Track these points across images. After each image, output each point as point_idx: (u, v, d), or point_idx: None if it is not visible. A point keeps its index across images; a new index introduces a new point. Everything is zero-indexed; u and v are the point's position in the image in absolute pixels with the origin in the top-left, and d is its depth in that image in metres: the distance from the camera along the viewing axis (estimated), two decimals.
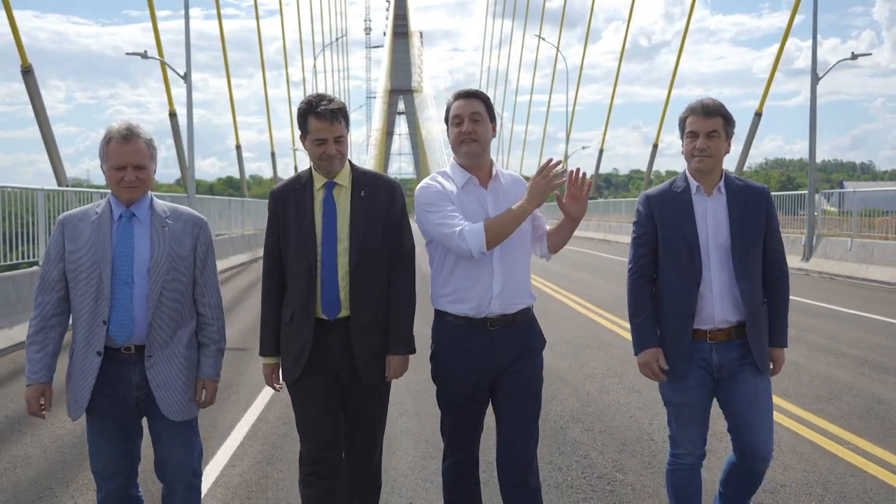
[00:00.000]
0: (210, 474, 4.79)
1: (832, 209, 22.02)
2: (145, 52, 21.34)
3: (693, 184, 3.32)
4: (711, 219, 3.28)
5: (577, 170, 3.23)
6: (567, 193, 3.30)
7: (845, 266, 17.56)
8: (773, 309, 3.35)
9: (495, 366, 3.27)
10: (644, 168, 43.15)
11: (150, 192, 3.14)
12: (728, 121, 3.29)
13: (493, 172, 3.36)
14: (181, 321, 3.12)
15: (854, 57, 20.94)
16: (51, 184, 16.20)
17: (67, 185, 17.24)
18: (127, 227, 3.06)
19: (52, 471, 4.95)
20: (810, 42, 19.64)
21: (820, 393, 6.67)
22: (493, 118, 3.34)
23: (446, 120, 3.38)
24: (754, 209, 3.30)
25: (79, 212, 3.13)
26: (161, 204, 3.16)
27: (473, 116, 3.26)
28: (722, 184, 3.32)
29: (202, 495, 3.36)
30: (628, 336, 9.90)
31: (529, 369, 3.31)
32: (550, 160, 3.14)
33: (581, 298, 13.29)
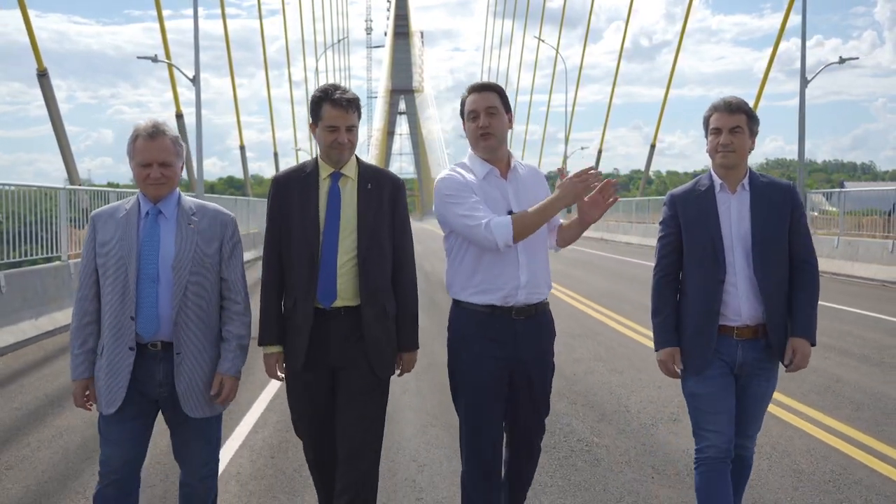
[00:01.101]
0: (237, 438, 5.45)
1: (833, 209, 22.39)
2: (155, 56, 22.06)
3: (717, 182, 3.34)
4: (735, 216, 3.30)
5: (610, 181, 3.22)
6: (590, 197, 3.24)
7: (832, 263, 18.14)
8: (797, 300, 3.35)
9: (516, 356, 3.29)
10: (641, 167, 43.73)
11: (177, 190, 3.18)
12: (752, 118, 3.31)
13: (512, 164, 3.37)
14: (208, 318, 3.15)
15: (842, 61, 21.67)
16: (54, 182, 16.84)
17: (80, 185, 17.88)
18: (153, 224, 3.10)
19: (96, 436, 5.58)
20: (811, 43, 20.46)
21: (783, 374, 7.27)
22: (508, 109, 3.33)
23: (462, 114, 3.36)
24: (778, 205, 3.30)
25: (109, 208, 3.18)
26: (189, 201, 3.20)
27: (489, 110, 3.26)
28: (746, 181, 3.33)
29: (219, 476, 3.39)
30: (616, 326, 10.63)
31: (544, 373, 3.41)
32: (591, 168, 3.15)
33: (574, 293, 13.91)
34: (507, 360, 3.29)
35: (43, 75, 17.69)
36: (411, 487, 4.52)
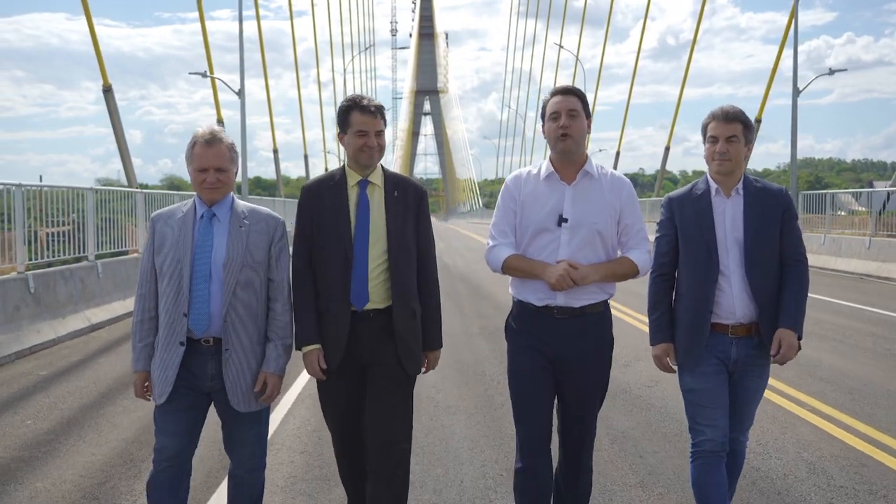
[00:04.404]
0: (299, 385, 7.44)
1: (862, 209, 23.33)
2: (205, 72, 24.27)
3: (713, 186, 3.48)
4: (730, 219, 3.44)
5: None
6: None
7: (819, 258, 19.68)
8: (786, 295, 3.44)
9: (558, 353, 3.38)
10: (672, 168, 44.37)
11: (231, 194, 3.33)
12: (748, 127, 3.45)
13: (584, 169, 3.43)
14: (256, 317, 3.29)
15: (832, 72, 23.26)
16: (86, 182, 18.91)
17: (136, 188, 19.97)
18: (207, 226, 3.24)
19: None
20: (842, 40, 23.30)
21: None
22: (588, 114, 3.43)
23: (542, 116, 3.47)
24: (771, 209, 3.43)
25: (168, 210, 3.33)
26: (241, 204, 3.33)
27: (570, 112, 3.36)
28: (740, 186, 3.46)
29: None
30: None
31: (591, 375, 3.44)
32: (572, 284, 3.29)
33: None
34: (548, 354, 3.40)
35: (108, 90, 19.61)
36: (431, 401, 6.55)
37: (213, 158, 3.20)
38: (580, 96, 3.43)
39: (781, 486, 4.61)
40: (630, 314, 10.95)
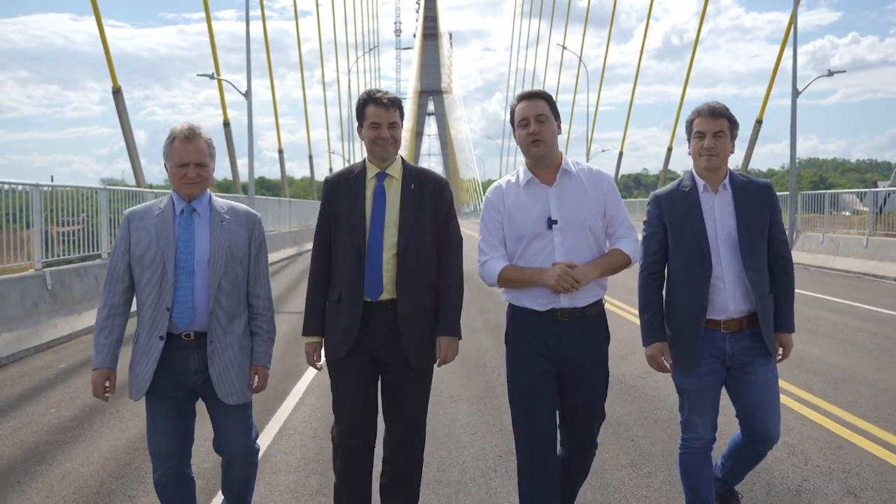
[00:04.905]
0: (303, 384, 7.75)
1: (866, 209, 23.53)
2: (212, 74, 24.67)
3: (700, 182, 3.47)
4: (719, 214, 3.43)
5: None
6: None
7: (817, 257, 20.04)
8: (780, 296, 3.50)
9: (562, 357, 3.37)
10: (675, 168, 43.90)
11: (209, 190, 3.34)
12: (732, 122, 3.46)
13: (563, 169, 3.41)
14: (237, 310, 3.32)
15: (830, 74, 23.50)
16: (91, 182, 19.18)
17: (145, 188, 20.33)
18: (188, 222, 3.25)
19: None
20: (846, 40, 23.42)
21: None
22: (557, 116, 3.40)
23: (512, 123, 3.45)
24: (758, 203, 3.44)
25: (143, 208, 3.33)
26: (219, 201, 3.36)
27: (539, 118, 3.34)
28: (727, 181, 3.46)
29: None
30: None
31: (592, 372, 3.44)
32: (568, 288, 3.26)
33: None
34: (552, 358, 3.38)
35: (117, 92, 20.06)
36: (435, 390, 6.65)
37: (192, 153, 3.22)
38: (547, 99, 3.42)
39: (761, 466, 4.87)
40: (626, 309, 11.24)
